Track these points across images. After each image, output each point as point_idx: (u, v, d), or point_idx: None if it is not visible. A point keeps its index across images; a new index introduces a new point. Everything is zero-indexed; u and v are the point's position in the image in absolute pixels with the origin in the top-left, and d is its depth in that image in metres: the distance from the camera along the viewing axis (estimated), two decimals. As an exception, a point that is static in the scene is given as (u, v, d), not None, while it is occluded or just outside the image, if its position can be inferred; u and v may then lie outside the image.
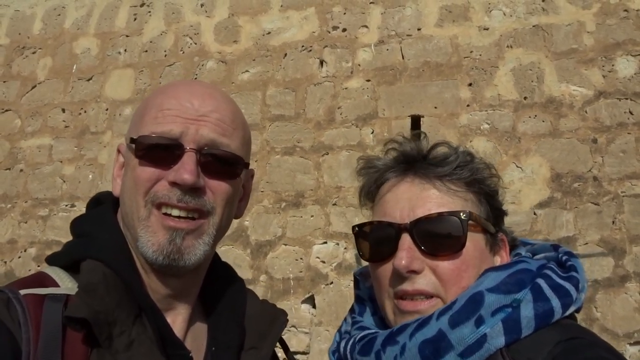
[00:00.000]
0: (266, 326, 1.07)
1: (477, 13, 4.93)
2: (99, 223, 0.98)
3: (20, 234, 5.56)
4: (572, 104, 4.50)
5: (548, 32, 4.71)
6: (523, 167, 4.47)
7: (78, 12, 6.24)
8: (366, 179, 1.09)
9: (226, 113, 0.99)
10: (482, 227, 0.99)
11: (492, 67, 4.76)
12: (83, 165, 5.61)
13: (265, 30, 5.48)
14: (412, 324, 0.92)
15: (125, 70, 5.82)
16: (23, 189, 5.71)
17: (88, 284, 0.87)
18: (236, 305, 1.07)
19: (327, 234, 4.72)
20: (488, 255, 1.00)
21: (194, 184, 0.92)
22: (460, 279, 0.94)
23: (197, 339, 1.02)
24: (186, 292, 1.02)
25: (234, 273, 1.16)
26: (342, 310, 4.31)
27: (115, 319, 0.86)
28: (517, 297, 0.89)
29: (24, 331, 0.80)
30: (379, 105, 4.94)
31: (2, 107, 6.11)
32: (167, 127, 0.94)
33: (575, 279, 0.95)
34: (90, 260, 0.91)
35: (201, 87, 1.03)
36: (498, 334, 0.86)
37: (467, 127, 4.67)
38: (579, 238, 4.19)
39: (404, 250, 0.95)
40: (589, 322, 3.97)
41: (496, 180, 1.05)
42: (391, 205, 1.01)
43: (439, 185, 0.99)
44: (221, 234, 1.01)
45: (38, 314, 0.83)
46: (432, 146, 1.05)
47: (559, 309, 0.89)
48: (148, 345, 0.88)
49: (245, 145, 1.04)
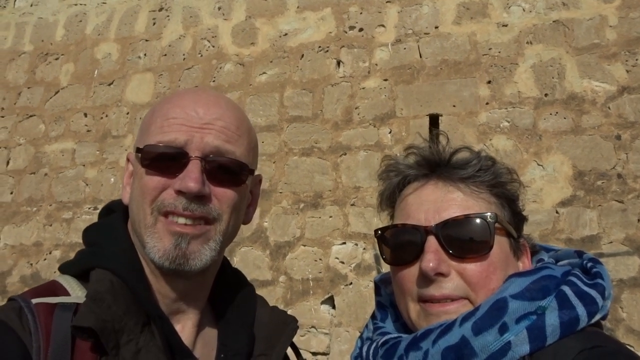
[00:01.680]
0: (276, 333, 1.07)
1: (495, 9, 4.87)
2: (109, 232, 1.00)
3: (46, 237, 5.68)
4: (594, 100, 4.41)
5: (569, 27, 4.62)
6: (544, 165, 4.39)
7: (99, 18, 6.35)
8: (387, 183, 1.08)
9: (231, 120, 0.99)
10: (507, 230, 0.98)
11: (512, 64, 4.70)
12: (105, 168, 5.70)
13: (282, 32, 5.50)
14: (435, 329, 0.91)
15: (145, 74, 5.90)
16: (47, 192, 5.83)
17: (95, 292, 0.89)
18: (246, 312, 1.08)
19: (345, 234, 4.71)
20: (512, 259, 0.99)
21: (198, 192, 0.92)
22: (488, 281, 0.93)
23: (207, 345, 1.02)
24: (194, 296, 1.02)
25: (244, 279, 1.16)
26: (361, 311, 4.30)
27: (122, 327, 0.87)
28: (542, 304, 0.87)
29: (34, 340, 0.82)
30: (397, 105, 4.91)
31: (27, 113, 6.25)
32: (172, 136, 0.95)
33: (601, 286, 0.93)
34: (99, 269, 0.93)
35: (206, 95, 1.03)
36: (522, 342, 0.85)
37: (487, 125, 4.61)
38: (603, 237, 4.10)
39: (431, 252, 0.94)
40: (615, 323, 3.88)
41: (517, 186, 1.04)
42: (415, 208, 1.00)
43: (463, 187, 0.99)
44: (228, 240, 1.02)
45: (48, 323, 0.84)
46: (454, 151, 1.04)
47: (584, 317, 0.87)
48: (155, 353, 0.88)
49: (251, 151, 1.04)
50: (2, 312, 0.85)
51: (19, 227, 5.80)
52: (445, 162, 1.02)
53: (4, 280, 5.66)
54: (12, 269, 5.69)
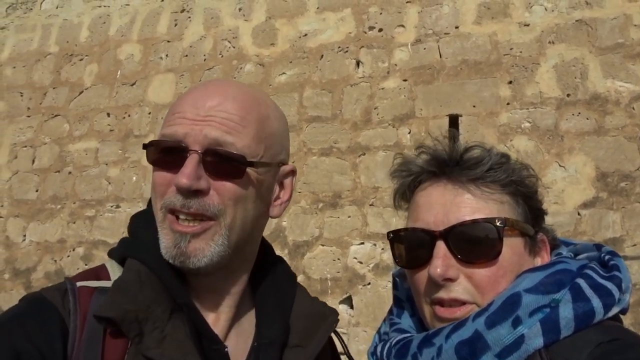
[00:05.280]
0: (314, 324, 1.05)
1: (517, 9, 4.82)
2: (144, 222, 1.01)
3: (69, 234, 5.80)
4: (618, 101, 4.34)
5: (592, 27, 4.56)
6: (566, 167, 4.34)
7: (122, 19, 6.46)
8: (400, 182, 1.08)
9: (235, 110, 0.95)
10: (520, 230, 0.97)
11: (534, 64, 4.64)
12: (127, 167, 5.80)
13: (302, 33, 5.52)
14: (448, 325, 0.92)
15: (167, 74, 5.98)
16: (71, 190, 5.95)
17: (120, 282, 0.91)
18: (283, 301, 1.06)
19: (364, 234, 4.71)
20: (527, 258, 0.98)
21: (189, 187, 0.89)
22: (497, 285, 0.93)
23: (242, 334, 1.02)
24: (225, 290, 1.02)
25: (286, 268, 1.14)
26: (379, 311, 4.29)
27: (148, 315, 0.88)
28: (555, 297, 0.87)
29: (72, 320, 0.87)
30: (416, 105, 4.90)
31: (52, 113, 6.39)
32: (173, 130, 0.94)
33: (617, 278, 0.92)
34: (130, 258, 0.96)
35: (216, 86, 1.01)
36: (536, 335, 0.85)
37: (507, 125, 4.57)
38: (627, 239, 4.03)
39: (439, 258, 0.94)
40: (638, 327, 3.81)
41: (534, 180, 1.02)
42: (424, 210, 1.00)
43: (473, 189, 0.97)
44: (238, 233, 0.97)
45: (86, 305, 0.89)
46: (465, 149, 1.02)
47: (600, 309, 0.87)
48: (181, 340, 0.89)
49: (262, 141, 0.98)
50: (50, 291, 0.92)
51: (43, 224, 5.93)
52: (456, 161, 1.01)
53: (29, 276, 5.79)
54: (37, 265, 5.82)
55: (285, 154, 1.07)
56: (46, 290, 0.92)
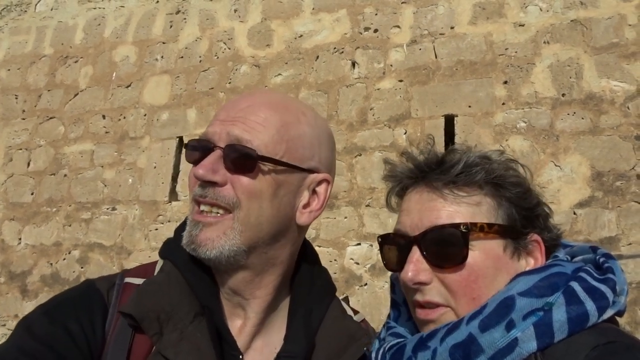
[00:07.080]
0: (342, 345, 1.04)
1: (512, 9, 4.84)
2: (183, 223, 1.05)
3: (65, 237, 5.78)
4: (613, 100, 4.35)
5: (587, 27, 4.57)
6: (562, 166, 4.35)
7: (117, 21, 6.45)
8: (389, 188, 1.11)
9: (262, 112, 0.99)
10: (497, 233, 0.96)
11: (529, 64, 4.65)
12: (123, 169, 5.78)
13: (297, 34, 5.52)
14: (442, 329, 0.92)
15: (162, 76, 5.97)
16: (67, 193, 5.93)
17: (150, 282, 0.99)
18: (313, 316, 1.05)
19: (360, 235, 4.71)
20: (508, 261, 0.96)
21: (203, 177, 0.95)
22: (469, 289, 0.93)
23: (269, 344, 1.02)
24: (250, 292, 1.01)
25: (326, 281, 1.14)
26: (376, 312, 4.29)
27: (170, 316, 0.93)
28: (549, 300, 0.87)
29: (110, 312, 0.96)
30: (412, 106, 4.90)
31: (47, 115, 6.37)
32: (206, 130, 1.01)
33: (611, 280, 0.91)
34: (165, 259, 1.03)
35: (254, 94, 1.06)
36: (529, 338, 0.85)
37: (503, 125, 4.58)
38: (622, 238, 4.05)
39: (411, 262, 0.96)
40: (634, 326, 3.82)
41: (521, 179, 1.01)
42: (404, 215, 1.02)
43: (447, 193, 0.98)
44: (253, 231, 0.97)
45: (124, 301, 0.97)
46: (445, 153, 1.03)
47: (594, 312, 0.86)
48: (199, 341, 0.92)
49: (284, 143, 0.99)
50: (101, 281, 1.02)
51: (39, 227, 5.91)
52: (433, 166, 1.01)
53: (25, 279, 5.77)
54: (32, 268, 5.80)
55: (320, 162, 1.06)
56: (100, 280, 1.02)
